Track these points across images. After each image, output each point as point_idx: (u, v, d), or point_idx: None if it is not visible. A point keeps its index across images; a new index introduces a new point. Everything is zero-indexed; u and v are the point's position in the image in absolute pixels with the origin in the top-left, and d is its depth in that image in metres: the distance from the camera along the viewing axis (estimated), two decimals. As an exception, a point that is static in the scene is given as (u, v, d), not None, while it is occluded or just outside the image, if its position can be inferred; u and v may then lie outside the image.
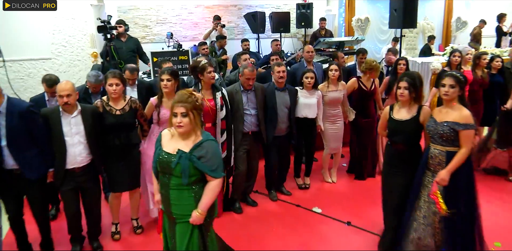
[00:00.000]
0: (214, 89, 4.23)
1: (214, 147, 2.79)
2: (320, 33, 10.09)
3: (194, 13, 10.29)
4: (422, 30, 11.61)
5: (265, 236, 4.19)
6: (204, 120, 4.05)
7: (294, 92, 4.73)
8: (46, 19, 9.08)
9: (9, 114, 3.30)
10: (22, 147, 3.35)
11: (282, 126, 4.68)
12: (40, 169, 3.48)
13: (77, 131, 3.50)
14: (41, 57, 9.07)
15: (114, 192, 4.02)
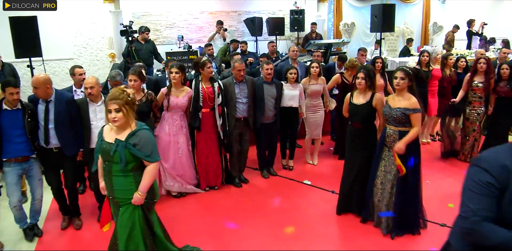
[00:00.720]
0: (212, 80, 4.72)
1: (147, 134, 2.88)
2: (311, 36, 10.48)
3: (199, 18, 10.67)
4: (402, 33, 11.95)
5: (264, 201, 4.73)
6: (203, 106, 4.60)
7: (280, 85, 5.20)
8: (69, 24, 9.51)
9: (57, 102, 3.81)
10: (64, 129, 3.83)
11: (270, 113, 5.15)
12: (74, 148, 3.97)
13: (101, 117, 3.96)
14: (64, 58, 9.38)
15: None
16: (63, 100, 3.85)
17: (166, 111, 4.59)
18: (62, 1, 9.46)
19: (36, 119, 3.72)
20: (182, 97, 4.54)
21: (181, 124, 4.64)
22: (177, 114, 4.60)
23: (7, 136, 3.63)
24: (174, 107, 4.51)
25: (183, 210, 4.51)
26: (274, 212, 4.49)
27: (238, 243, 3.83)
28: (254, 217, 4.35)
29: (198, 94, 4.61)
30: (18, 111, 3.64)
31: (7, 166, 3.68)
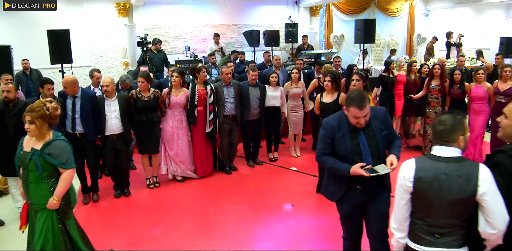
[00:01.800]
0: (205, 83, 5.56)
1: (62, 144, 2.97)
2: (303, 47, 11.29)
3: (203, 31, 11.58)
4: (388, 44, 12.75)
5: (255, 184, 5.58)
6: (198, 104, 5.42)
7: (263, 88, 6.02)
8: (88, 35, 10.50)
9: (83, 98, 4.68)
10: (87, 119, 4.68)
11: (254, 111, 5.96)
12: (95, 134, 4.82)
13: (114, 109, 4.83)
14: (83, 65, 10.14)
15: (141, 153, 5.36)
16: (87, 96, 4.73)
17: (168, 108, 5.40)
18: (82, 16, 10.50)
19: (64, 110, 4.56)
20: (180, 96, 5.38)
21: (181, 119, 5.46)
22: (177, 111, 5.43)
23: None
24: (174, 105, 5.35)
25: (181, 194, 5.32)
26: (262, 191, 5.31)
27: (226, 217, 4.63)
28: (246, 196, 5.19)
29: (194, 95, 5.44)
30: (50, 104, 4.47)
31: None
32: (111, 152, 4.96)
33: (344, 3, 12.46)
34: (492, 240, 2.04)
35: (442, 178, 2.05)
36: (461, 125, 2.13)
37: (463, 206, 2.06)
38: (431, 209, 2.11)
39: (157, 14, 11.12)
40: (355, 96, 2.68)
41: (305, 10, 12.36)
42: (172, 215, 4.62)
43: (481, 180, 2.00)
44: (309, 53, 10.38)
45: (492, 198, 1.99)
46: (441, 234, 2.11)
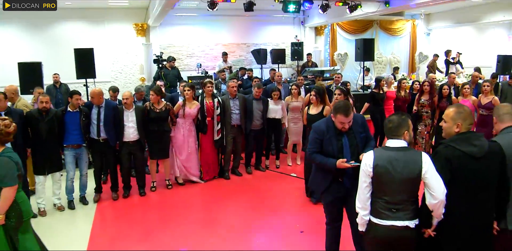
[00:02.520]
0: (213, 97, 6.18)
1: (3, 161, 2.95)
2: (307, 64, 11.92)
3: (214, 49, 12.34)
4: (389, 62, 13.31)
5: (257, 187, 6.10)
6: (207, 115, 6.02)
7: (266, 101, 6.60)
8: (109, 53, 11.32)
9: (106, 108, 5.33)
10: (109, 126, 5.32)
11: (257, 122, 6.53)
12: (115, 140, 5.44)
13: (132, 119, 5.47)
14: (103, 80, 10.88)
15: (152, 159, 5.96)
16: (110, 106, 5.39)
17: (181, 119, 6.01)
18: (103, 35, 11.34)
19: (88, 118, 5.21)
20: (193, 109, 5.99)
21: (191, 128, 6.07)
22: (188, 121, 6.04)
23: (68, 129, 5.10)
24: (187, 116, 5.97)
25: (187, 195, 5.86)
26: (262, 193, 5.85)
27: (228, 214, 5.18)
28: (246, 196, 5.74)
29: (203, 107, 6.06)
30: (77, 112, 5.15)
31: (66, 150, 5.17)
32: (127, 156, 5.58)
33: (347, 23, 13.12)
34: (436, 209, 2.56)
35: (394, 163, 2.63)
36: (405, 123, 2.71)
37: (411, 184, 2.63)
38: (387, 188, 2.66)
39: (172, 34, 11.93)
40: (342, 106, 3.29)
41: (310, 30, 13.06)
42: (181, 211, 5.21)
43: (423, 162, 2.58)
44: (312, 70, 10.98)
45: (432, 176, 2.55)
46: (397, 209, 2.66)
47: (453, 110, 2.75)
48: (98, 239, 4.46)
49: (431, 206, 2.55)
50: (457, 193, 2.61)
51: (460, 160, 2.59)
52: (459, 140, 2.66)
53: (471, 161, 2.59)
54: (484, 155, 2.61)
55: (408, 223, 2.64)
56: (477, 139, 2.66)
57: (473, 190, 2.62)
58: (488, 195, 2.67)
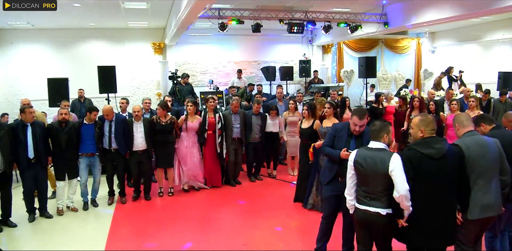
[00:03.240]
0: (215, 112, 6.75)
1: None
2: (314, 81, 12.45)
3: (226, 66, 13.04)
4: (394, 79, 13.69)
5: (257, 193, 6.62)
6: (208, 129, 6.58)
7: (264, 116, 7.13)
8: (128, 70, 12.12)
9: (117, 121, 5.96)
10: (120, 137, 5.93)
11: (256, 136, 7.06)
12: (125, 149, 6.04)
13: (140, 130, 6.08)
14: (123, 95, 11.20)
15: (158, 167, 6.53)
16: (119, 119, 6.02)
17: (184, 132, 6.60)
18: (123, 53, 12.16)
19: (102, 130, 5.85)
20: (194, 122, 6.57)
21: (194, 140, 6.63)
22: (191, 134, 6.61)
23: (83, 140, 5.75)
24: (189, 129, 6.55)
25: (193, 200, 6.38)
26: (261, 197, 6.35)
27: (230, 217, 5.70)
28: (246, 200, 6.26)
29: (205, 121, 6.63)
30: (92, 125, 5.80)
31: (81, 158, 5.79)
32: (136, 164, 6.17)
33: (353, 42, 13.63)
34: (400, 202, 3.01)
35: (368, 160, 3.13)
36: (386, 128, 3.22)
37: (382, 179, 3.08)
38: (364, 180, 3.18)
39: (187, 52, 12.70)
40: (359, 110, 3.90)
41: (318, 48, 13.64)
42: (186, 212, 5.76)
43: (391, 162, 3.04)
44: (318, 87, 11.49)
45: (396, 174, 3.01)
46: (371, 198, 3.15)
47: (418, 119, 3.24)
48: (115, 234, 5.04)
49: (396, 199, 3.02)
50: (420, 188, 3.06)
51: (420, 161, 3.05)
52: (420, 143, 3.14)
53: (430, 161, 3.04)
54: (443, 156, 3.05)
55: (379, 210, 3.11)
56: (437, 143, 3.11)
57: (433, 186, 3.06)
58: (447, 190, 3.09)
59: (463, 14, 7.65)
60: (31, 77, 11.33)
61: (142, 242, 4.78)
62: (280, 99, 8.13)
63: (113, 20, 10.84)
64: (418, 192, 3.04)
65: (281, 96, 8.19)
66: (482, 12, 7.42)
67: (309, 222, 5.10)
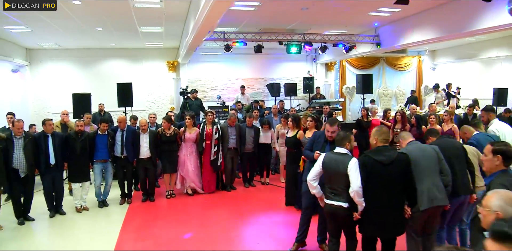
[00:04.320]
0: (213, 124, 7.53)
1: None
2: (316, 97, 13.17)
3: (234, 83, 13.89)
4: (395, 95, 14.24)
5: (256, 196, 7.33)
6: (206, 139, 7.37)
7: (257, 129, 7.89)
8: (144, 86, 13.12)
9: (128, 132, 6.82)
10: (129, 146, 6.77)
11: (249, 146, 7.80)
12: (133, 156, 6.88)
13: (146, 141, 6.92)
14: (139, 109, 12.60)
15: (165, 173, 7.32)
16: (130, 130, 6.88)
17: (183, 142, 7.40)
18: (141, 71, 13.17)
19: (114, 139, 6.72)
20: (192, 134, 7.37)
21: (192, 150, 7.42)
22: (189, 144, 7.40)
23: (97, 148, 6.62)
24: (187, 140, 7.35)
25: (193, 201, 7.15)
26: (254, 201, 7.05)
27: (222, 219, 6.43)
28: (240, 203, 6.96)
29: (203, 132, 7.43)
30: (105, 135, 6.68)
31: (95, 164, 6.65)
32: (142, 169, 7.01)
33: (355, 60, 14.32)
34: (353, 197, 3.67)
35: (332, 162, 3.83)
36: (348, 137, 3.94)
37: (343, 177, 3.72)
38: (330, 178, 3.85)
39: (199, 69, 13.65)
40: (331, 120, 4.66)
41: (321, 66, 14.38)
42: (187, 210, 6.55)
43: (349, 164, 3.71)
44: (319, 102, 12.19)
45: (352, 174, 3.67)
46: (335, 193, 3.82)
47: (374, 129, 3.96)
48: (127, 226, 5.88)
49: (351, 194, 3.70)
50: (373, 188, 3.71)
51: (372, 165, 3.73)
52: (374, 151, 3.85)
53: (381, 166, 3.70)
54: (391, 162, 3.70)
55: (342, 204, 3.77)
56: (388, 151, 3.79)
57: (383, 186, 3.66)
58: (395, 190, 3.71)
59: (441, 36, 8.30)
60: (57, 92, 12.48)
61: (151, 232, 5.61)
62: (275, 114, 8.88)
63: (132, 41, 11.91)
64: (371, 191, 3.70)
65: (276, 111, 8.94)
66: (455, 35, 8.06)
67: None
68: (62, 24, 9.25)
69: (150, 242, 5.30)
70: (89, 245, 5.25)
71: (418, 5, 8.16)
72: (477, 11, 7.14)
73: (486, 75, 15.00)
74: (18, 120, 6.00)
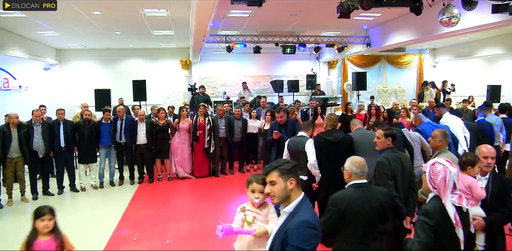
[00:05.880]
0: (205, 116, 8.47)
1: None
2: (316, 93, 13.88)
3: (242, 80, 14.74)
4: (394, 91, 14.71)
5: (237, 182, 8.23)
6: (198, 129, 8.34)
7: (245, 120, 8.78)
8: (160, 82, 14.27)
9: (127, 121, 7.82)
10: (128, 133, 7.77)
11: (237, 136, 8.69)
12: (131, 143, 7.88)
13: (143, 129, 7.94)
14: (156, 103, 13.25)
15: (156, 158, 8.32)
16: (128, 119, 7.91)
17: (177, 131, 8.37)
18: (156, 68, 14.32)
19: (115, 127, 7.78)
20: (185, 124, 8.32)
21: (185, 138, 8.39)
22: (182, 133, 8.35)
23: (102, 134, 7.70)
24: (181, 129, 8.33)
25: (182, 186, 8.13)
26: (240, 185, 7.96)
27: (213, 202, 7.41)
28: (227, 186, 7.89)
29: (196, 123, 8.40)
30: (108, 123, 7.75)
31: (101, 148, 7.73)
32: (140, 155, 8.04)
33: (357, 58, 14.88)
34: (310, 169, 4.54)
35: (293, 142, 4.75)
36: (311, 125, 4.90)
37: (303, 155, 4.56)
38: (294, 156, 4.69)
39: (209, 67, 14.66)
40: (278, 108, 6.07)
41: (324, 64, 15.05)
42: (182, 190, 7.58)
43: (306, 143, 4.60)
44: (317, 98, 12.92)
45: (308, 151, 4.54)
46: (300, 168, 4.49)
47: (325, 116, 4.93)
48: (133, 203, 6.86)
49: (308, 167, 4.56)
50: (324, 161, 4.59)
51: (323, 143, 4.63)
52: (325, 132, 4.81)
53: (330, 144, 4.60)
54: (338, 141, 4.61)
55: (302, 177, 4.48)
56: (335, 133, 4.74)
57: (331, 160, 4.46)
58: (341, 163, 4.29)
59: (416, 38, 8.90)
60: (82, 87, 13.83)
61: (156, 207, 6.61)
62: (264, 107, 9.74)
63: (148, 42, 13.02)
64: (322, 164, 4.60)
65: (264, 104, 9.80)
66: (427, 38, 8.66)
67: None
68: (86, 29, 10.45)
69: (151, 211, 6.35)
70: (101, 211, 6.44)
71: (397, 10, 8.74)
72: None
73: (485, 72, 15.17)
74: (37, 109, 7.19)
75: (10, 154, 6.67)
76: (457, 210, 2.55)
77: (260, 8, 8.40)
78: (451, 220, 2.51)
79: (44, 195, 7.27)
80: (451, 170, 2.57)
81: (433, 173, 2.62)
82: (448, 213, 2.52)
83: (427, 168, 2.69)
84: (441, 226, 2.51)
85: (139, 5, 8.02)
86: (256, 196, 2.71)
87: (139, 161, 8.12)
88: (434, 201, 2.62)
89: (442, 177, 2.57)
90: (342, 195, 3.08)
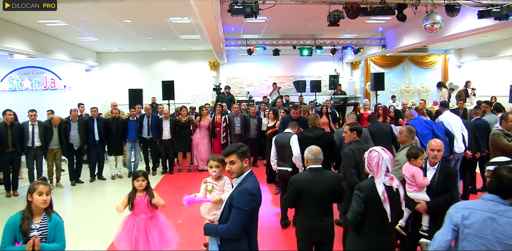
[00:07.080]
0: (222, 114, 9.31)
1: None
2: (337, 93, 14.32)
3: (268, 80, 15.49)
4: (418, 91, 14.88)
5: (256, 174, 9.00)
6: (216, 126, 9.19)
7: (260, 118, 9.51)
8: (190, 82, 15.23)
9: (152, 118, 8.74)
10: (154, 129, 8.66)
11: (253, 133, 9.43)
12: (157, 138, 8.78)
13: (166, 126, 8.87)
14: (185, 102, 14.33)
15: (179, 151, 9.24)
16: (154, 117, 8.84)
17: (198, 128, 9.26)
18: (186, 69, 15.33)
19: (142, 124, 8.73)
20: (205, 122, 9.19)
21: (204, 134, 9.25)
22: (203, 129, 9.23)
23: (129, 130, 8.63)
24: (201, 126, 9.21)
25: (200, 177, 8.93)
26: None
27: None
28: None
29: (214, 121, 9.25)
30: (134, 120, 8.72)
31: (127, 142, 8.69)
32: (164, 149, 8.96)
33: (380, 59, 15.17)
34: (295, 161, 5.13)
35: (280, 138, 5.43)
36: (295, 124, 5.60)
37: (288, 149, 5.23)
38: (279, 150, 5.41)
39: (236, 68, 15.49)
40: (294, 105, 7.01)
41: (347, 65, 15.47)
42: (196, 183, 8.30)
43: (291, 138, 5.24)
44: (337, 97, 13.44)
45: (293, 145, 5.14)
46: (283, 161, 5.34)
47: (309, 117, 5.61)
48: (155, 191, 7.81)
49: (293, 160, 5.16)
50: None
51: (305, 139, 5.20)
52: (307, 130, 5.51)
53: (311, 140, 5.10)
54: (318, 138, 5.21)
55: (287, 168, 5.27)
56: (316, 130, 5.38)
57: None
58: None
59: (425, 40, 9.27)
60: (118, 87, 15.06)
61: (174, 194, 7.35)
62: (280, 107, 10.42)
63: (178, 45, 14.03)
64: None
65: (280, 104, 10.48)
66: (433, 40, 9.00)
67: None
68: (120, 35, 11.57)
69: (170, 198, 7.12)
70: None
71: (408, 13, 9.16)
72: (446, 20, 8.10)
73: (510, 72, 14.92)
74: (74, 109, 8.28)
75: (51, 146, 7.79)
76: (387, 189, 3.12)
77: (274, 15, 9.18)
78: (380, 196, 3.13)
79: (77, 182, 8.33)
80: (383, 156, 3.17)
81: (370, 158, 3.24)
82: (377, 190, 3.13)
83: (366, 154, 3.32)
84: (369, 199, 3.10)
85: (164, 14, 8.95)
86: (214, 170, 3.42)
87: (163, 154, 9.05)
88: (368, 180, 3.23)
89: (376, 161, 3.18)
90: (299, 176, 3.77)
